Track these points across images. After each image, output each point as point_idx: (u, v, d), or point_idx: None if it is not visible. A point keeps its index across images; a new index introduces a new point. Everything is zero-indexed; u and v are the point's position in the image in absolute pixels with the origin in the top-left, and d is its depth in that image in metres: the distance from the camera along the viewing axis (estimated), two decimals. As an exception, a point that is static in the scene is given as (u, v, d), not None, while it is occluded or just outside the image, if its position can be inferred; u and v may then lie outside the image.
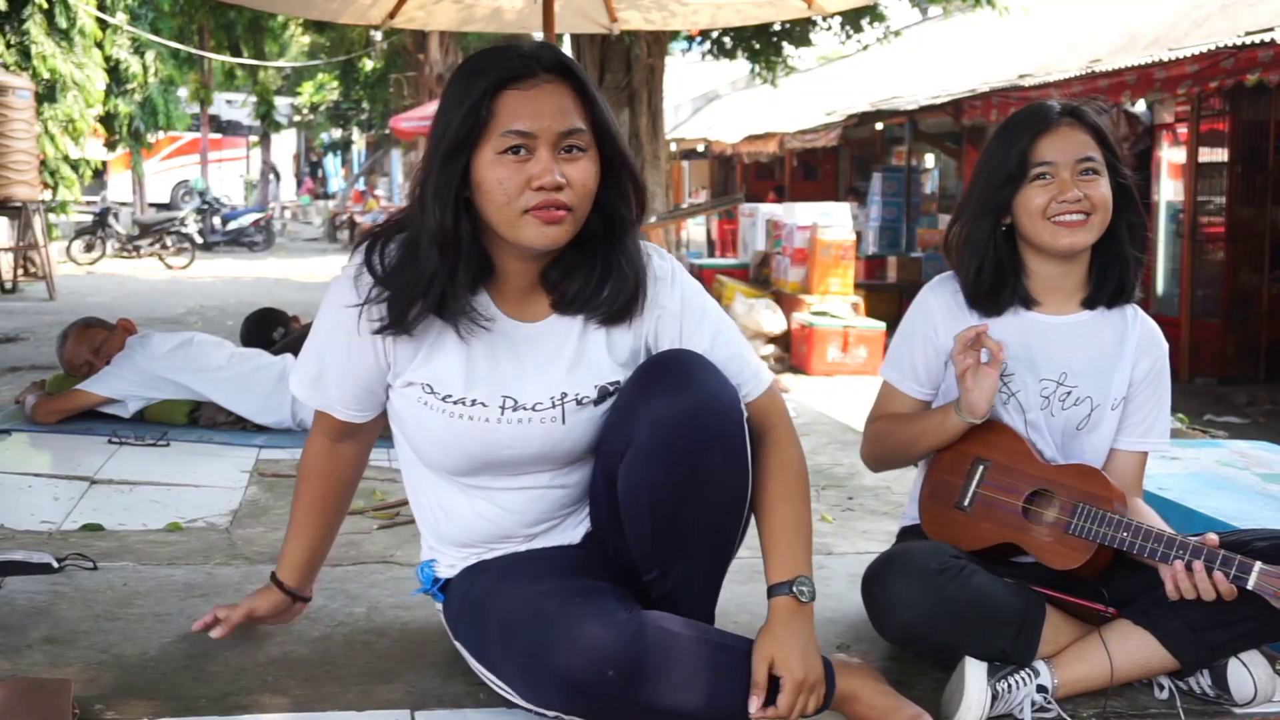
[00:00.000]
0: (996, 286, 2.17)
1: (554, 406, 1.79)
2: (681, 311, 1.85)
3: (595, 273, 1.78)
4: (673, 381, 1.72)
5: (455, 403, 1.78)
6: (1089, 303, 2.18)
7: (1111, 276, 2.17)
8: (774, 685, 1.69)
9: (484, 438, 1.79)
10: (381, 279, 1.75)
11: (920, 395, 2.22)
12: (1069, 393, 2.15)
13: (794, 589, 1.74)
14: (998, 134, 2.20)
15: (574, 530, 1.92)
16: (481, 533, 1.89)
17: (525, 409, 1.78)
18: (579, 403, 1.80)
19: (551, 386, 1.79)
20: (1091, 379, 2.15)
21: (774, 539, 1.79)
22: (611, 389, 1.82)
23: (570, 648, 1.62)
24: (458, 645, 1.90)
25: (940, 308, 2.21)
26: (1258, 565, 1.83)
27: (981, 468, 2.14)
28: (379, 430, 1.98)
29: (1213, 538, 1.90)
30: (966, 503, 2.13)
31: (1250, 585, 1.83)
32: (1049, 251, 2.13)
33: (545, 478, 1.86)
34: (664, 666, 1.64)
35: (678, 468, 1.71)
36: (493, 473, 1.84)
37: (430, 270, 1.70)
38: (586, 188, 1.71)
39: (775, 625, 1.73)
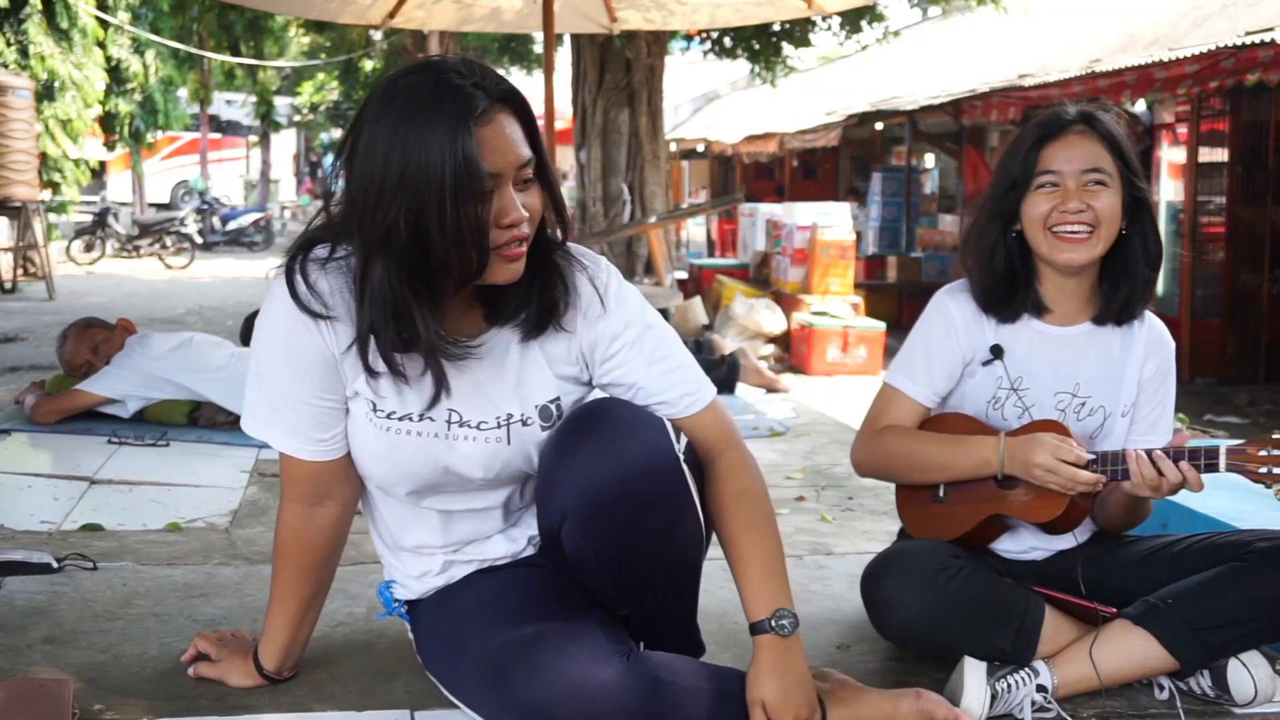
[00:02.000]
0: (1008, 293, 2.12)
1: (499, 427, 1.75)
2: (617, 330, 1.78)
3: (525, 284, 1.71)
4: (599, 445, 1.65)
5: (401, 419, 1.73)
6: (1099, 319, 2.15)
7: (1122, 293, 2.12)
8: None
9: (430, 453, 1.74)
10: (362, 324, 1.64)
11: (930, 404, 2.17)
12: (1083, 404, 2.12)
13: (774, 625, 1.69)
14: (1012, 140, 2.17)
15: (520, 538, 1.88)
16: (432, 542, 1.85)
17: (470, 426, 1.74)
18: (524, 423, 1.76)
19: (497, 406, 1.75)
20: (1103, 388, 2.13)
21: (744, 574, 1.73)
22: (554, 409, 1.78)
23: (571, 702, 1.57)
24: (431, 677, 1.86)
25: (961, 315, 2.15)
26: (1223, 446, 1.88)
27: None
28: (358, 491, 1.89)
29: (1183, 435, 1.92)
30: (941, 494, 2.13)
31: (1222, 469, 1.88)
32: (1049, 264, 2.10)
33: (491, 497, 1.83)
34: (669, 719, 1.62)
35: (620, 533, 1.66)
36: (438, 493, 1.81)
37: (424, 317, 1.62)
38: (538, 214, 1.67)
39: (761, 666, 1.69)
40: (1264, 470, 1.87)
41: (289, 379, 1.72)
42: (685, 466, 1.70)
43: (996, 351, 2.12)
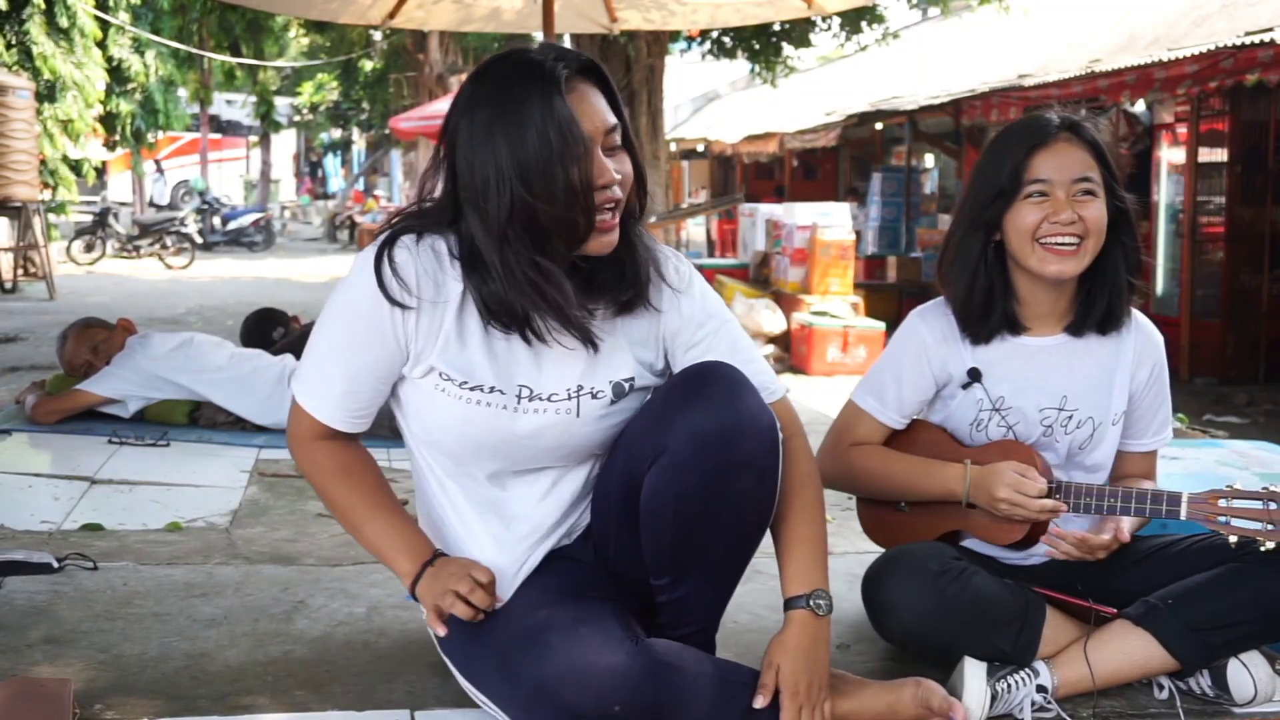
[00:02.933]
0: (986, 311, 2.08)
1: (569, 399, 1.77)
2: (701, 319, 1.84)
3: (618, 262, 1.77)
4: (716, 397, 1.70)
5: (473, 389, 1.75)
6: (1073, 329, 2.10)
7: (1100, 304, 2.08)
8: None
9: (499, 425, 1.76)
10: (498, 292, 1.69)
11: (896, 425, 2.18)
12: (1070, 417, 2.09)
13: (811, 603, 1.74)
14: (991, 145, 2.11)
15: (559, 529, 1.87)
16: (478, 537, 1.84)
17: (541, 399, 1.76)
18: (594, 396, 1.78)
19: (568, 379, 1.77)
20: (1092, 399, 2.10)
21: (792, 551, 1.78)
22: (628, 386, 1.81)
23: (577, 682, 1.60)
24: (446, 660, 1.87)
25: (933, 338, 2.12)
26: (1185, 495, 1.90)
27: None
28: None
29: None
30: (904, 505, 2.15)
31: (1183, 516, 1.90)
32: (1036, 276, 2.06)
33: (553, 475, 1.84)
34: (671, 706, 1.64)
35: (710, 484, 1.69)
36: (505, 462, 1.80)
37: (551, 278, 1.68)
38: (629, 182, 1.73)
39: (788, 637, 1.73)
40: (1223, 520, 1.88)
41: (349, 351, 1.76)
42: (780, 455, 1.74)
43: (974, 375, 2.09)
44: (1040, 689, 1.93)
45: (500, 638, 1.71)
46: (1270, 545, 1.86)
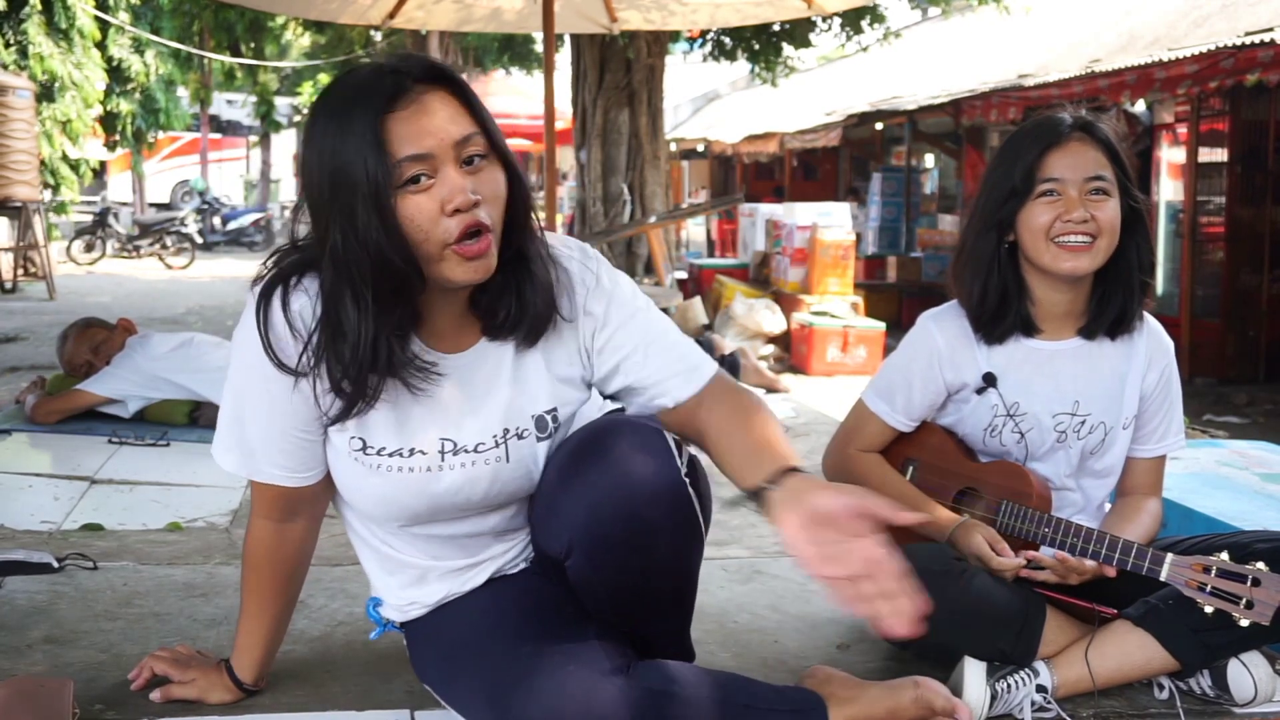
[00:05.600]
0: (1001, 311, 2.08)
1: (496, 445, 1.68)
2: (613, 318, 1.70)
3: (520, 289, 1.63)
4: (602, 475, 1.60)
5: (391, 455, 1.65)
6: (1087, 332, 2.10)
7: (1113, 305, 2.08)
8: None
9: (425, 489, 1.67)
10: (318, 352, 1.57)
11: (904, 429, 2.18)
12: (1083, 422, 2.10)
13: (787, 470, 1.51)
14: (1004, 146, 2.11)
15: (516, 557, 1.83)
16: (422, 566, 1.80)
17: (467, 451, 1.67)
18: (520, 436, 1.69)
19: (493, 424, 1.67)
20: (1103, 403, 2.10)
21: (752, 448, 1.58)
22: (550, 419, 1.71)
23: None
24: (426, 686, 1.83)
25: (946, 343, 2.11)
26: (1169, 557, 1.88)
27: (911, 468, 2.18)
28: (327, 503, 1.83)
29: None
30: None
31: (1163, 577, 1.88)
32: (1051, 274, 2.06)
33: (485, 521, 1.77)
34: None
35: (628, 565, 1.63)
36: (431, 523, 1.74)
37: (370, 333, 1.53)
38: (500, 198, 1.54)
39: (794, 490, 1.46)
40: (1197, 587, 1.86)
41: (264, 410, 1.65)
42: (690, 488, 1.65)
43: (989, 380, 2.09)
44: (1040, 689, 1.93)
45: (484, 675, 1.65)
46: (1245, 622, 1.83)
